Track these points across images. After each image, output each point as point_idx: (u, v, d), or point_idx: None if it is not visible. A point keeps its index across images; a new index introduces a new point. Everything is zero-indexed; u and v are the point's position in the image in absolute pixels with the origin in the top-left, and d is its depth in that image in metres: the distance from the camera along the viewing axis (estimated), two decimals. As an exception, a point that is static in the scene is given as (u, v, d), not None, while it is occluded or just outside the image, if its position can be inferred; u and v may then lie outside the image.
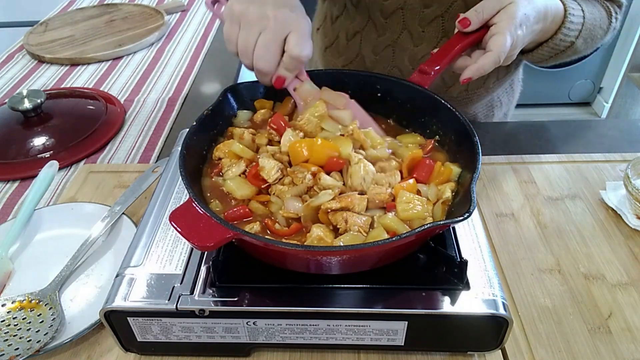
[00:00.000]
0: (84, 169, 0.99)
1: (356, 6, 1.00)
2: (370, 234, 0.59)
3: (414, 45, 0.99)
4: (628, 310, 0.68)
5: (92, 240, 0.76)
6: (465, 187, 0.61)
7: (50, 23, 1.62)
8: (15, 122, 1.09)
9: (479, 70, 0.73)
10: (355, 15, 1.01)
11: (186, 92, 1.28)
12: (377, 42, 1.01)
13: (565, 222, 0.82)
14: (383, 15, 0.97)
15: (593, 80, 3.17)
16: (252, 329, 0.60)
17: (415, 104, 0.78)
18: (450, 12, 0.93)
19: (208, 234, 0.53)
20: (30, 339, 0.64)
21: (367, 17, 0.99)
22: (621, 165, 0.93)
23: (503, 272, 0.74)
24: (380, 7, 0.96)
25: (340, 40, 1.07)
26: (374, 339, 0.60)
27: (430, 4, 0.93)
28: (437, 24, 0.95)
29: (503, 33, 0.73)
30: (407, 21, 0.96)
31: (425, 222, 0.58)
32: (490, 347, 0.61)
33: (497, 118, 1.20)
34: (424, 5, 0.94)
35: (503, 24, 0.73)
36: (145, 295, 0.59)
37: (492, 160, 0.95)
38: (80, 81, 1.34)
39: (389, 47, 1.01)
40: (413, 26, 0.96)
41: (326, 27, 1.12)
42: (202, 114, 0.72)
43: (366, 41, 1.03)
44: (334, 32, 1.08)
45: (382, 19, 0.97)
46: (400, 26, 0.97)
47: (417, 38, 0.98)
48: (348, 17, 1.03)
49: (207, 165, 0.72)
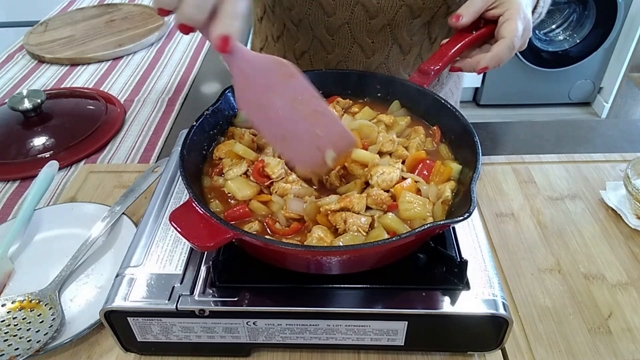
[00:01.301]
0: (84, 169, 0.99)
1: (297, 26, 0.96)
2: (371, 234, 0.59)
3: (366, 57, 0.97)
4: (628, 310, 0.68)
5: (92, 240, 0.76)
6: (465, 187, 0.61)
7: (50, 23, 1.62)
8: (15, 122, 1.09)
9: (493, 58, 0.73)
10: (298, 35, 0.98)
11: (186, 92, 1.28)
12: (328, 60, 0.99)
13: (565, 222, 0.82)
14: (329, 32, 0.94)
15: (593, 80, 3.17)
16: (252, 329, 0.60)
17: (415, 103, 0.78)
18: (396, 20, 0.91)
19: (208, 234, 0.53)
20: (30, 339, 0.64)
21: (311, 36, 0.96)
22: (621, 165, 0.93)
23: (503, 272, 0.74)
24: (325, 25, 0.93)
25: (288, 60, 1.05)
26: (374, 339, 0.60)
27: (375, 15, 0.90)
28: (385, 33, 0.93)
29: (513, 19, 0.72)
30: (355, 35, 0.93)
31: (426, 222, 0.58)
32: (490, 347, 0.61)
33: None
34: (369, 16, 0.91)
35: (510, 11, 0.73)
36: (145, 295, 0.59)
37: (492, 160, 0.95)
38: (80, 81, 1.34)
39: (341, 62, 0.99)
40: (362, 39, 0.94)
41: (269, 47, 1.08)
42: (202, 114, 0.72)
43: (316, 59, 1.00)
44: (279, 52, 1.05)
45: (328, 37, 0.95)
46: (348, 41, 0.95)
47: (367, 50, 0.96)
48: (290, 37, 1.00)
49: (208, 165, 0.72)
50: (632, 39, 2.87)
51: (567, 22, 2.99)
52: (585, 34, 2.93)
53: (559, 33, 3.01)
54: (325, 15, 0.91)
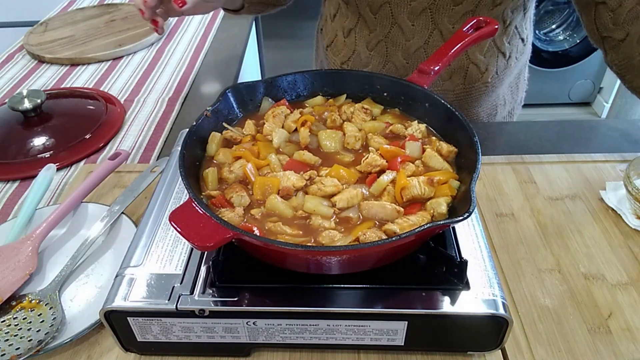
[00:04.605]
0: (84, 169, 0.99)
1: (347, 3, 1.00)
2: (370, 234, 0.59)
3: (406, 40, 0.99)
4: (628, 310, 0.68)
5: (91, 240, 0.76)
6: (465, 187, 0.61)
7: (50, 23, 1.62)
8: (15, 122, 1.09)
9: None
10: (348, 12, 1.02)
11: (186, 92, 1.28)
12: (370, 38, 1.02)
13: (565, 222, 0.82)
14: (372, 10, 0.97)
15: (593, 80, 3.17)
16: (252, 329, 0.60)
17: (415, 103, 0.78)
18: (437, 3, 0.93)
19: (208, 234, 0.53)
20: (31, 339, 0.64)
21: (357, 14, 1.00)
22: (621, 165, 0.93)
23: (503, 272, 0.74)
24: (367, 3, 0.97)
25: (338, 38, 1.08)
26: (374, 339, 0.60)
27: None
28: (426, 16, 0.95)
29: None
30: (396, 15, 0.96)
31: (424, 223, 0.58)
32: (490, 347, 0.62)
33: (500, 117, 1.20)
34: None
35: None
36: (145, 295, 0.59)
37: (492, 160, 0.95)
38: (80, 81, 1.34)
39: (381, 42, 1.02)
40: (402, 20, 0.97)
41: (326, 26, 1.14)
42: (202, 114, 0.72)
43: (360, 38, 1.03)
44: (333, 31, 1.09)
45: (371, 15, 0.98)
46: (389, 21, 0.97)
47: (407, 32, 0.98)
48: (342, 15, 1.04)
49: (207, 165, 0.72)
50: (632, 39, 2.87)
51: (567, 22, 2.99)
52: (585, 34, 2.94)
53: (559, 33, 3.01)
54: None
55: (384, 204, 0.61)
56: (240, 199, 0.63)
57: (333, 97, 0.82)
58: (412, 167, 0.66)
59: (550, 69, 3.04)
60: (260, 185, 0.64)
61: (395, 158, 0.67)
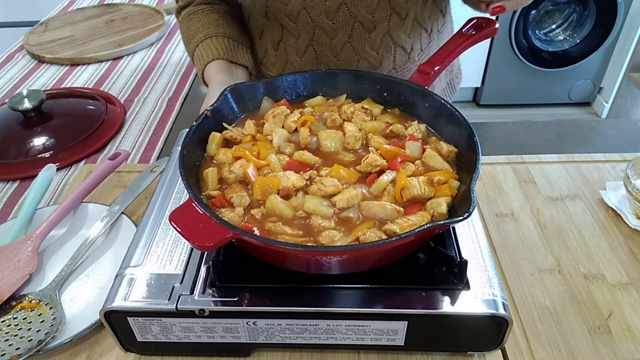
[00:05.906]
0: (84, 169, 0.99)
1: (268, 19, 1.00)
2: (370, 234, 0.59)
3: (330, 39, 0.99)
4: (628, 310, 0.68)
5: (91, 240, 0.76)
6: (465, 187, 0.61)
7: (50, 23, 1.62)
8: (15, 122, 1.09)
9: None
10: (272, 27, 1.02)
11: (186, 92, 1.28)
12: (298, 46, 1.02)
13: (565, 222, 0.82)
14: (291, 19, 0.97)
15: (593, 80, 3.17)
16: (252, 329, 0.60)
17: (415, 103, 0.78)
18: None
19: (208, 234, 0.53)
20: (31, 339, 0.64)
21: (280, 26, 1.00)
22: (621, 165, 0.93)
23: (503, 272, 0.74)
24: (286, 14, 0.96)
25: (269, 52, 1.07)
26: (374, 339, 0.60)
27: None
28: (344, 12, 0.94)
29: None
30: (315, 18, 0.95)
31: (425, 222, 0.58)
32: (490, 347, 0.62)
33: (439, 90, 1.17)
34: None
35: None
36: (145, 295, 0.59)
37: (492, 160, 0.95)
38: (80, 81, 1.34)
39: (309, 47, 1.01)
40: (322, 21, 0.96)
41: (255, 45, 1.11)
42: (202, 114, 0.72)
43: (289, 47, 1.03)
44: (262, 47, 1.08)
45: (292, 24, 0.97)
46: (310, 25, 0.97)
47: (330, 31, 0.97)
48: (268, 31, 1.04)
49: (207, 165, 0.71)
50: (632, 39, 2.87)
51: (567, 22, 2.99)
52: (585, 33, 2.93)
53: (559, 33, 3.01)
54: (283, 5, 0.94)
55: (384, 204, 0.61)
56: (240, 199, 0.63)
57: (333, 97, 0.83)
58: (412, 167, 0.66)
59: (550, 69, 3.04)
60: (260, 185, 0.64)
61: (395, 158, 0.67)
